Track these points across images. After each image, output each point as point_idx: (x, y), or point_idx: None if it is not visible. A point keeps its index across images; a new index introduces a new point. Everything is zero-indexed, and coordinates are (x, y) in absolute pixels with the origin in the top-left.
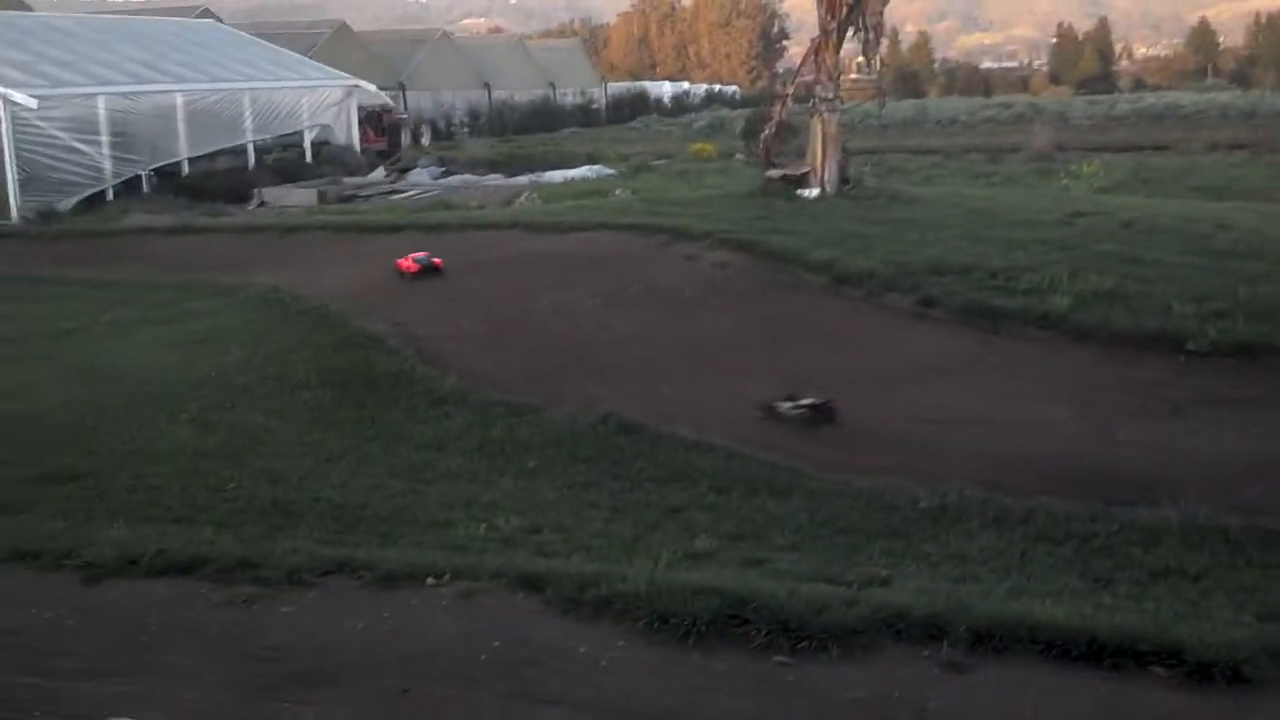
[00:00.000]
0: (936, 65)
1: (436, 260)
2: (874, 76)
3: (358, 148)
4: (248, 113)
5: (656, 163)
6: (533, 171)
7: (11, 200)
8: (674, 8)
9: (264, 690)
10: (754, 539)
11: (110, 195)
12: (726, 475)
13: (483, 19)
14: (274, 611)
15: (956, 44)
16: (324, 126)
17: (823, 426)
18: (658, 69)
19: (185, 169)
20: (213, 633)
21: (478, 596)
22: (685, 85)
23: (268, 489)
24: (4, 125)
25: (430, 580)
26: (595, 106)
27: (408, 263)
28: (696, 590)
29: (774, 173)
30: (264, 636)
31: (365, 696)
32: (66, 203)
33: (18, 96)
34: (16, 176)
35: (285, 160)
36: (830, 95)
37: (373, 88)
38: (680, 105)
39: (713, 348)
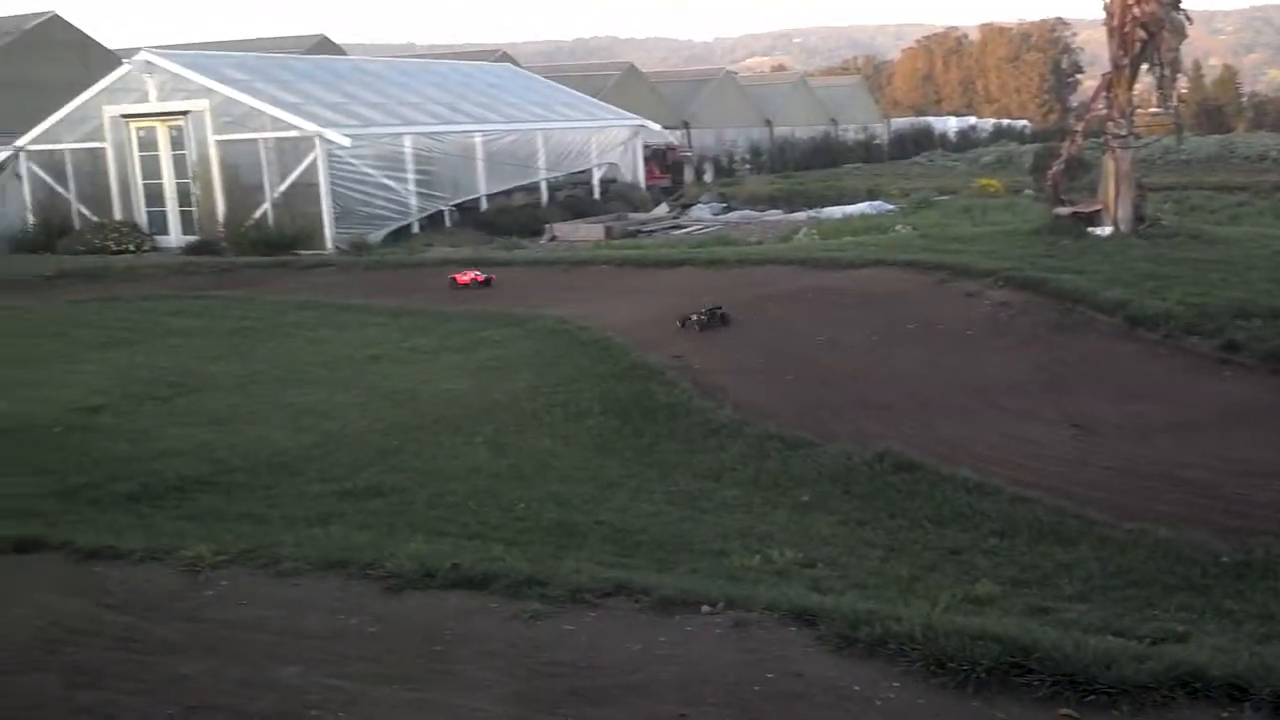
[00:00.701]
0: (1244, 99)
1: (485, 275)
2: (1171, 112)
3: (643, 184)
4: (541, 151)
5: (939, 198)
6: (812, 207)
7: (327, 232)
8: (960, 43)
9: (547, 704)
10: (1038, 586)
11: (415, 228)
12: (1010, 519)
13: (766, 58)
14: (557, 629)
15: (1266, 78)
16: (611, 164)
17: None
18: (943, 104)
19: (483, 204)
20: (500, 646)
21: (751, 627)
22: (971, 120)
23: (554, 510)
24: (321, 163)
25: (705, 608)
26: (877, 142)
27: (464, 278)
28: (976, 635)
29: (1063, 210)
30: (548, 652)
31: (642, 718)
32: (376, 235)
33: (332, 136)
34: (332, 210)
35: (575, 197)
36: (1124, 131)
37: (657, 126)
38: (966, 140)
39: (994, 388)
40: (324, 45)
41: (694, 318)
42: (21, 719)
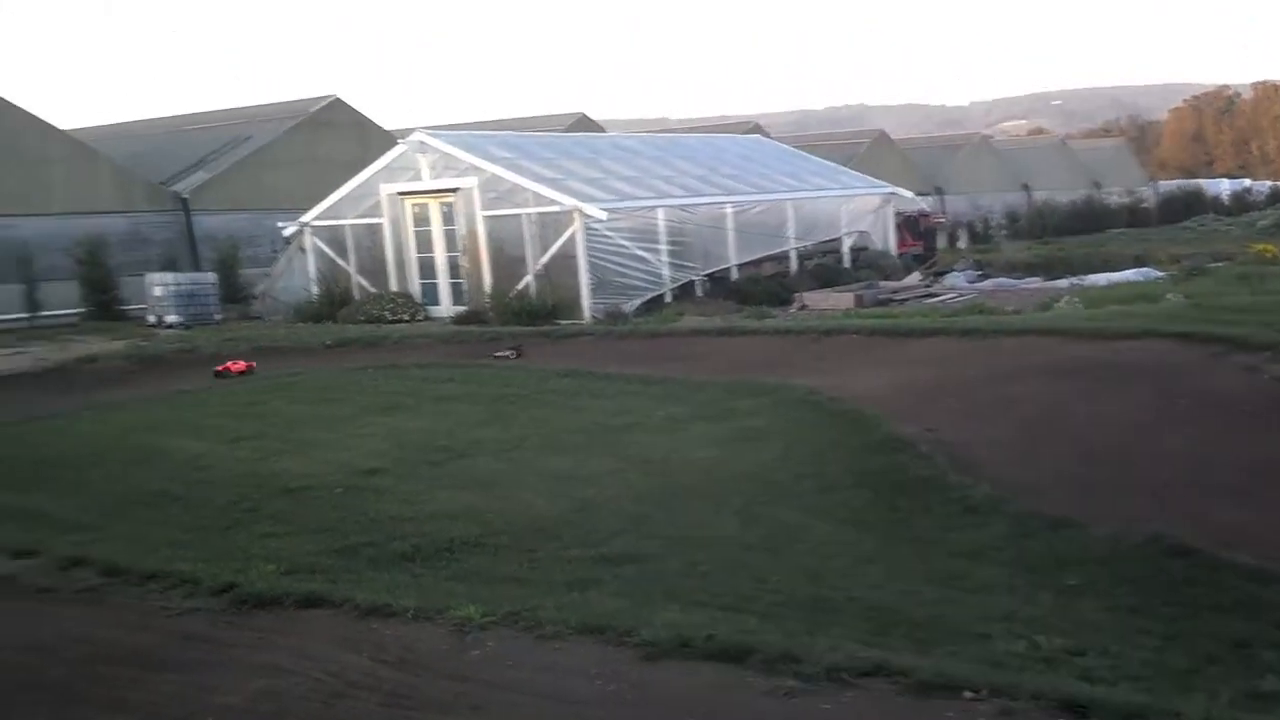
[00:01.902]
0: None
1: None
2: None
3: (894, 252)
4: (790, 220)
5: (1213, 265)
6: (1073, 274)
7: (584, 302)
8: (1232, 102)
9: None
10: None
11: (668, 298)
12: None
13: (1023, 121)
14: (814, 708)
15: None
16: (862, 232)
17: None
18: (1214, 165)
19: (734, 274)
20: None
21: (1016, 717)
22: (1246, 182)
23: (806, 585)
24: (579, 236)
25: (967, 694)
26: (1144, 205)
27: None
28: None
29: None
30: None
31: None
32: (630, 305)
33: (590, 210)
34: (589, 281)
35: (824, 265)
36: None
37: (909, 194)
38: (1240, 203)
39: (1276, 469)
40: (583, 123)
41: None
42: None
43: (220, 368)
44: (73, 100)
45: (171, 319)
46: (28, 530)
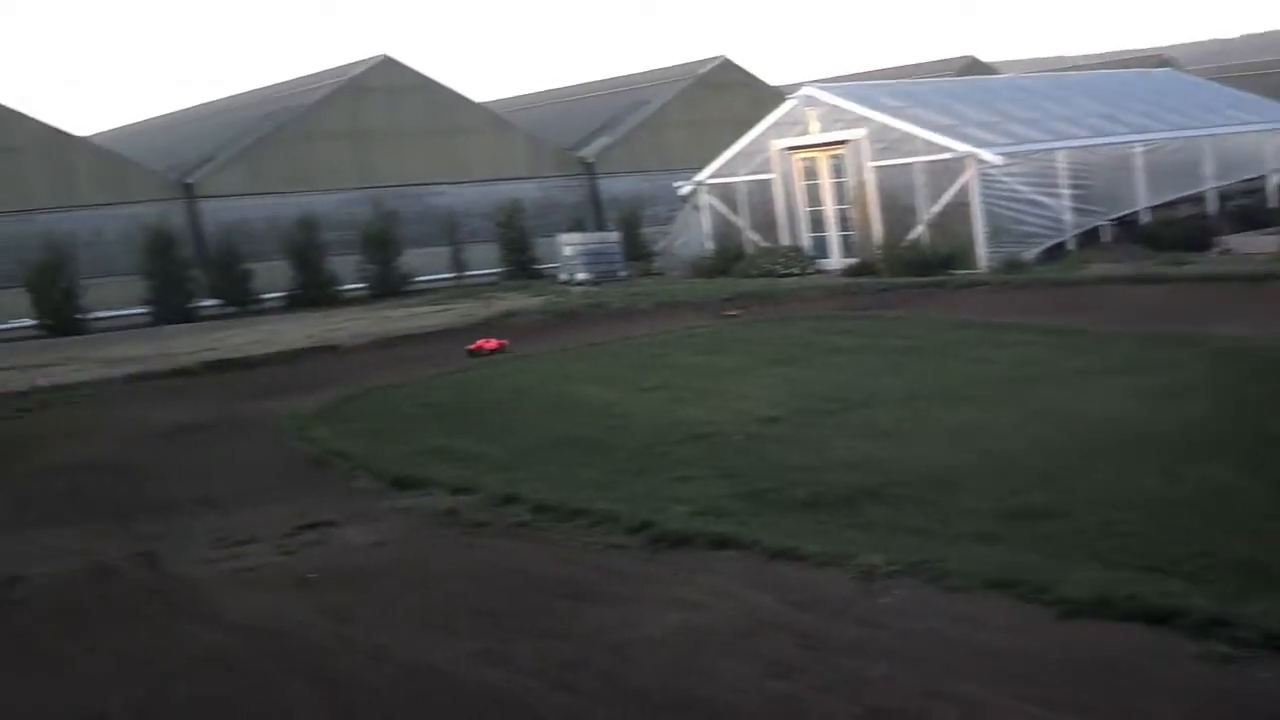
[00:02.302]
0: None
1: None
2: None
3: None
4: (1207, 159)
5: None
6: None
7: (979, 251)
8: None
9: None
10: None
11: (1069, 245)
12: None
13: None
14: (1250, 675)
15: None
16: None
17: None
18: None
19: (1143, 218)
20: (1184, 686)
21: None
22: None
23: (1240, 547)
24: (973, 183)
25: None
26: None
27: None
28: None
29: None
30: (1235, 700)
31: None
32: (1029, 253)
33: (985, 155)
34: (984, 229)
35: (1246, 206)
36: None
37: None
38: None
39: None
40: (973, 66)
41: None
42: (724, 699)
43: (473, 346)
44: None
45: (581, 276)
46: (464, 469)
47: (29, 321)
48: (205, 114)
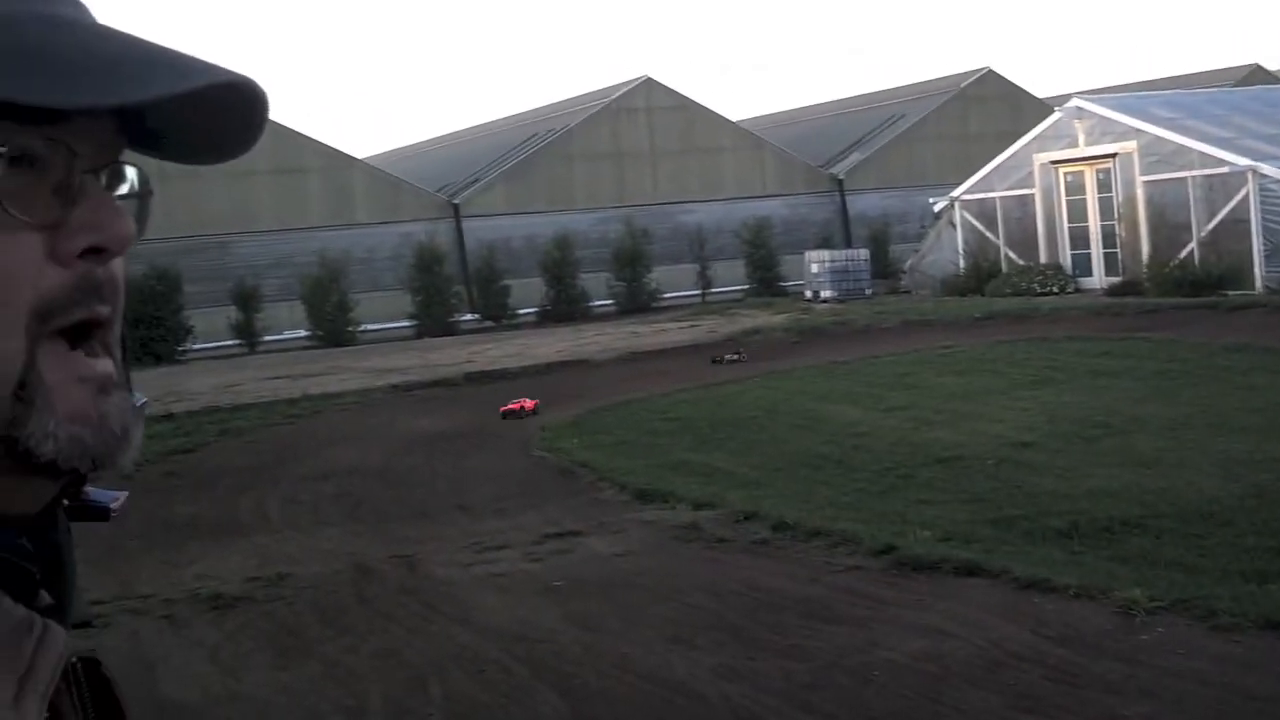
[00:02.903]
0: None
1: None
2: None
3: None
4: None
5: None
6: None
7: (1257, 271)
8: None
9: None
10: None
11: None
12: None
13: None
14: None
15: None
16: None
17: None
18: None
19: None
20: None
21: None
22: None
23: None
24: (1252, 198)
25: None
26: None
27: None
28: None
29: None
30: None
31: None
32: None
33: (1267, 169)
34: (1262, 248)
35: None
36: None
37: None
38: None
39: None
40: (1257, 74)
41: None
42: None
43: (505, 408)
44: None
45: (826, 294)
46: (706, 484)
47: (303, 332)
48: (472, 137)
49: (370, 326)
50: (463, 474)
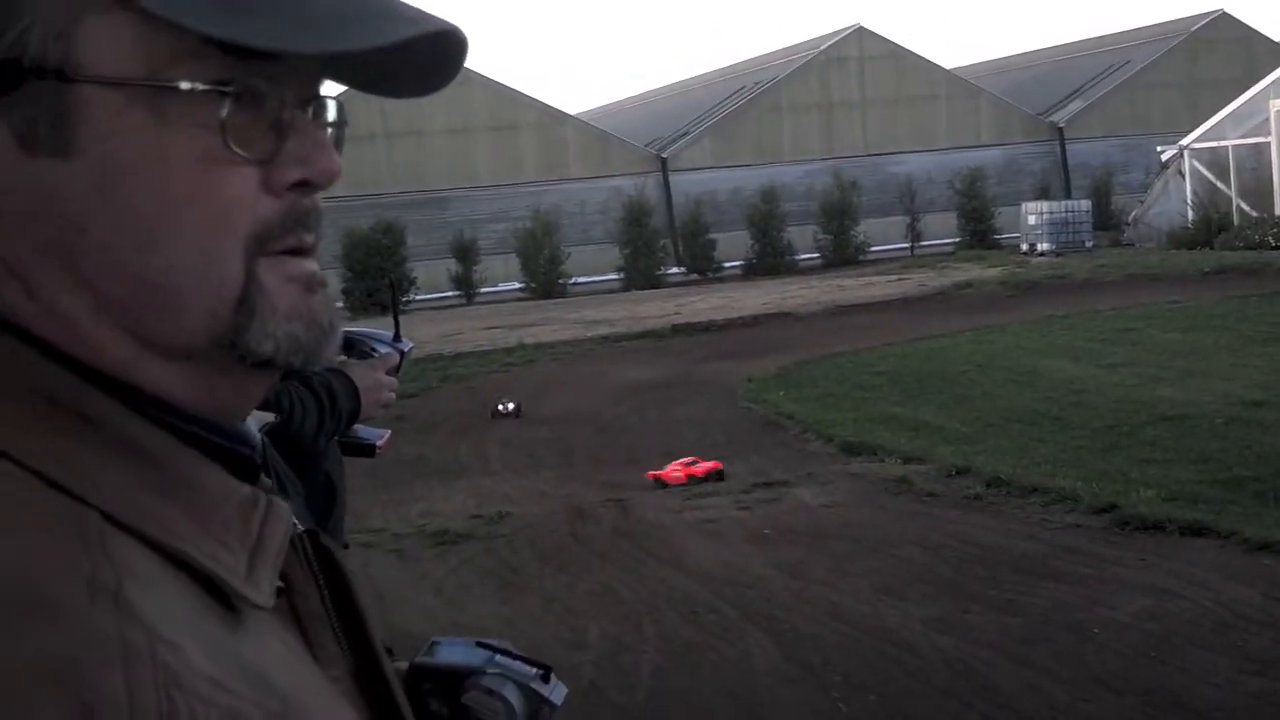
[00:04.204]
0: None
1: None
2: None
3: None
4: None
5: None
6: None
7: None
8: None
9: None
10: None
11: None
12: None
13: None
14: None
15: None
16: None
17: None
18: None
19: None
20: None
21: None
22: None
23: None
24: None
25: None
26: None
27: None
28: None
29: None
30: None
31: None
32: None
33: None
34: None
35: None
36: None
37: None
38: None
39: None
40: None
41: None
42: (1196, 691)
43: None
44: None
45: (1043, 246)
46: (916, 438)
47: (517, 285)
48: (681, 91)
49: (580, 279)
50: (670, 422)
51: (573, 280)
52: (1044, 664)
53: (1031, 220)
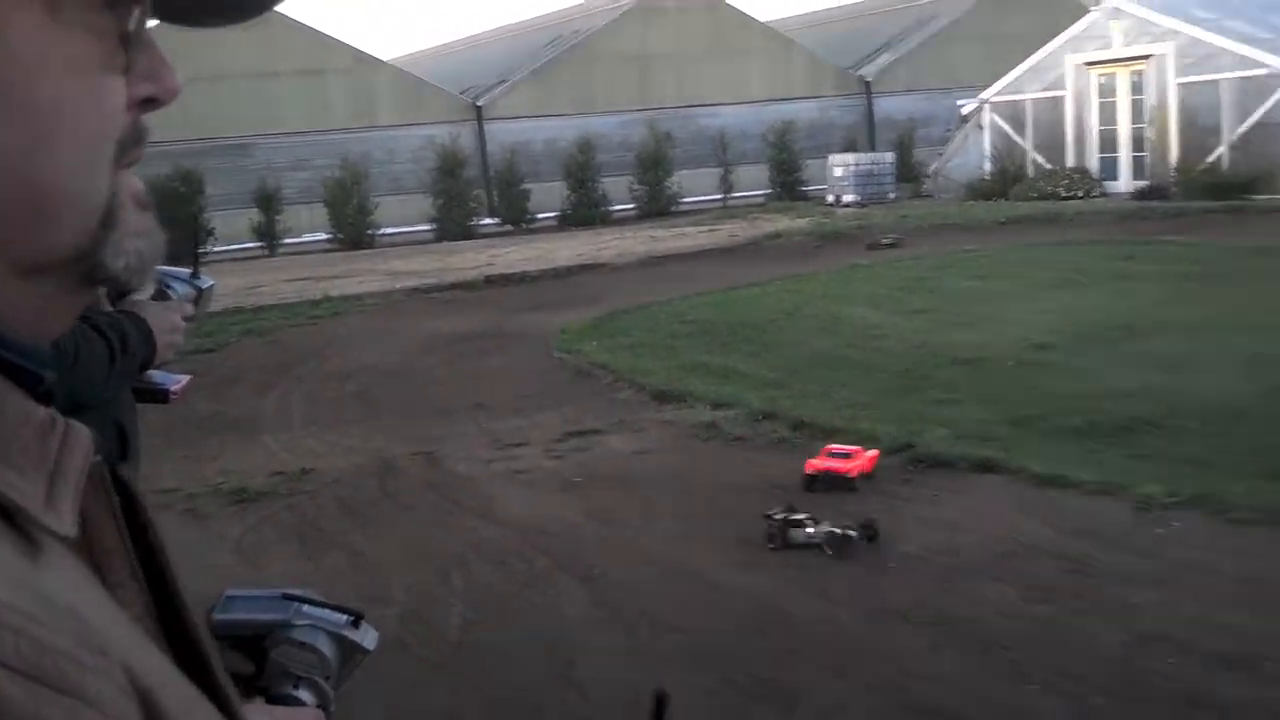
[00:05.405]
0: None
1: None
2: None
3: None
4: None
5: None
6: None
7: None
8: None
9: None
10: None
11: None
12: None
13: None
14: None
15: None
16: None
17: None
18: None
19: None
20: None
21: None
22: None
23: None
24: None
25: None
26: None
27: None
28: None
29: None
30: None
31: None
32: None
33: None
34: None
35: None
36: None
37: None
38: None
39: None
40: None
41: None
42: (985, 620)
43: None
44: None
45: (848, 198)
46: (725, 385)
47: (324, 235)
48: (498, 38)
49: (390, 230)
50: (482, 374)
51: (383, 231)
52: (841, 597)
53: (838, 172)
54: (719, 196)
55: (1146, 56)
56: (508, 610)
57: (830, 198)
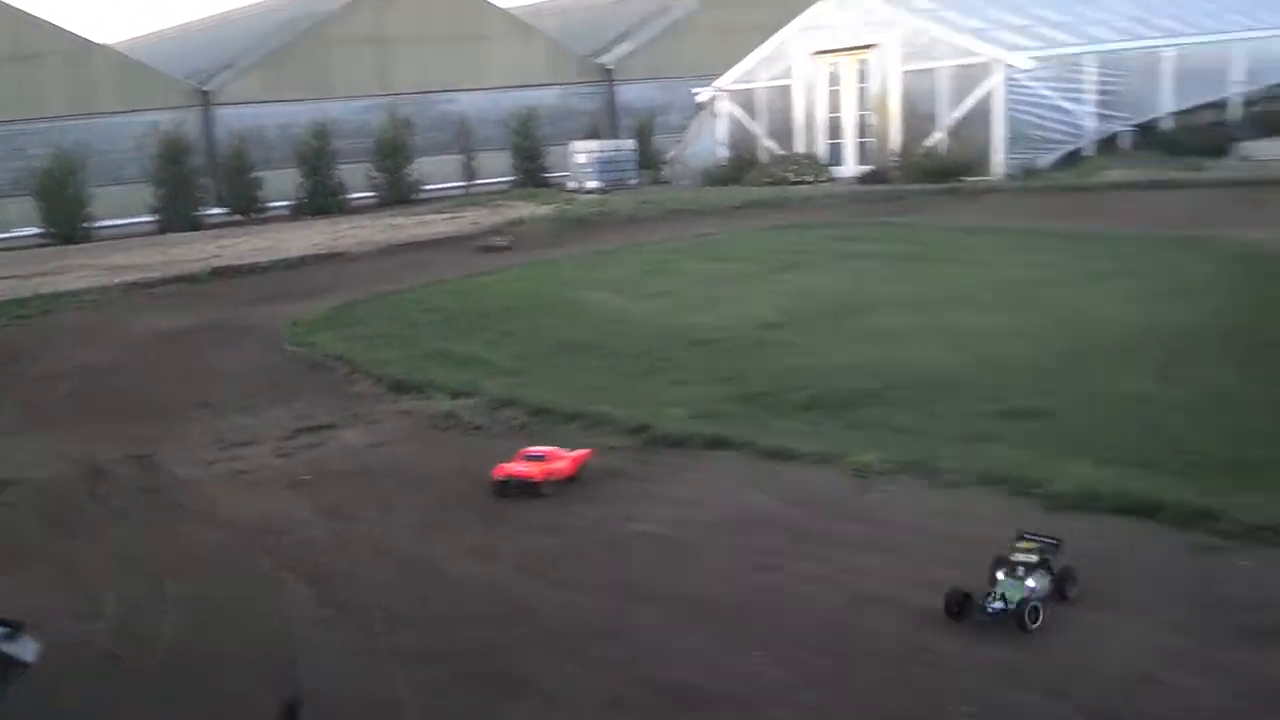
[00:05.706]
0: None
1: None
2: None
3: None
4: (1235, 64)
5: None
6: None
7: (997, 158)
8: None
9: (1213, 637)
10: None
11: (1088, 151)
12: None
13: None
14: (1230, 564)
15: None
16: None
17: None
18: None
19: (1164, 124)
20: (1165, 575)
21: None
22: None
23: (1227, 447)
24: (998, 88)
25: None
26: None
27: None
28: None
29: None
30: (1218, 586)
31: None
32: (1045, 159)
33: (1013, 59)
34: (1004, 135)
35: (1269, 112)
36: None
37: None
38: None
39: None
40: None
41: None
42: (715, 590)
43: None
44: None
45: (591, 185)
46: (465, 373)
47: (35, 230)
48: (228, 21)
49: (109, 222)
50: (207, 371)
51: (102, 223)
52: (579, 580)
53: (581, 159)
54: (462, 184)
55: (871, 45)
56: (226, 616)
57: (573, 184)
